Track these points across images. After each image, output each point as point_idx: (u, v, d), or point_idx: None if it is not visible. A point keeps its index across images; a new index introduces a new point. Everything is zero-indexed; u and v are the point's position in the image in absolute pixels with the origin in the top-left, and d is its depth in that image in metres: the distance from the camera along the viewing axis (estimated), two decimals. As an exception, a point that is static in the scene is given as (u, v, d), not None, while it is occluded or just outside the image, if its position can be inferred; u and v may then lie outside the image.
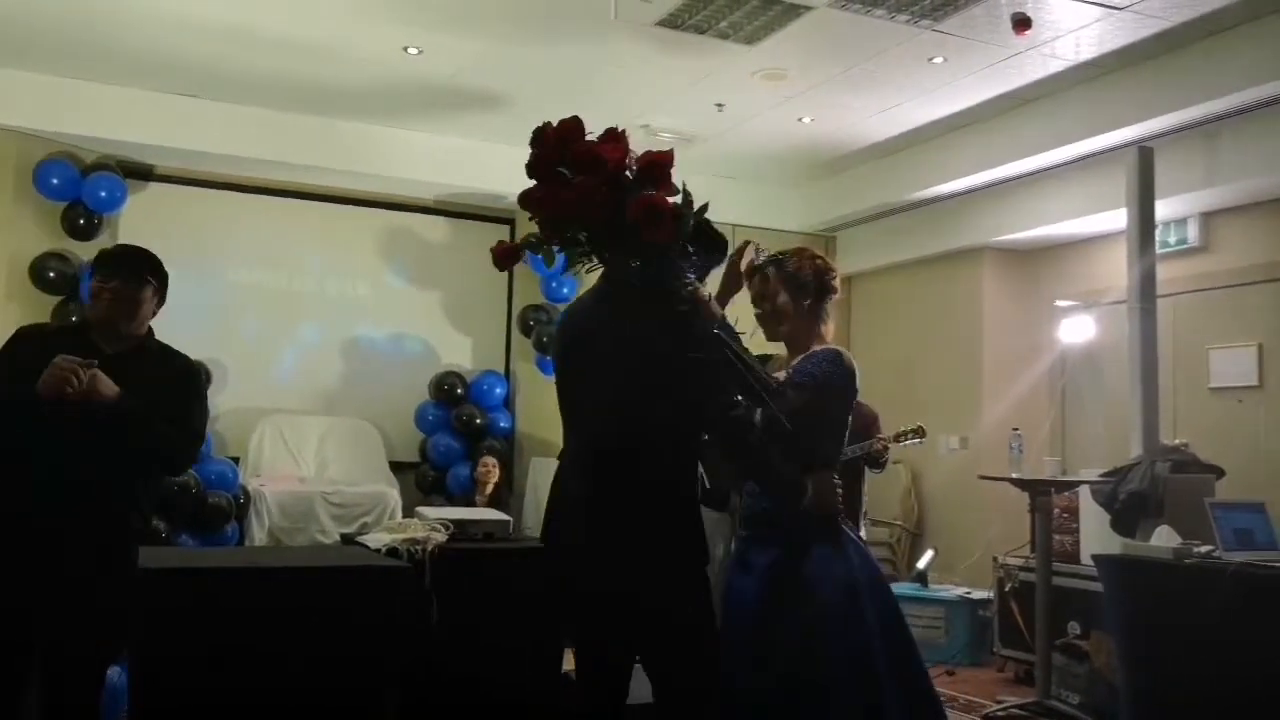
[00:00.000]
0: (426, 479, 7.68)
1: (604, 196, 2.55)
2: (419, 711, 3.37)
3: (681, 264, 2.64)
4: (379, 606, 3.30)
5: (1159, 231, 5.89)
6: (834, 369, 2.83)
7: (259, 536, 6.63)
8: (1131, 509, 4.66)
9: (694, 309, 2.60)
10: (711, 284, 3.15)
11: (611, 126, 2.63)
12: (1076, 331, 6.96)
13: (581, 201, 2.56)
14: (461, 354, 8.11)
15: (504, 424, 7.88)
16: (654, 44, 5.69)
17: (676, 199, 2.60)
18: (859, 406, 3.65)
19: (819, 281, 2.95)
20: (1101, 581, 4.28)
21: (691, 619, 2.60)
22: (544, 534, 2.80)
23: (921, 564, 6.91)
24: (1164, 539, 4.03)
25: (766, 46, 5.69)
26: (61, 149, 6.80)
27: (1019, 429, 5.68)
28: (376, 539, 3.74)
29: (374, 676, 3.25)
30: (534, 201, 2.66)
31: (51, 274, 6.61)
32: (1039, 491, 5.17)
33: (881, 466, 5.19)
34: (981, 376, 7.53)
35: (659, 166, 2.59)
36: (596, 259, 2.69)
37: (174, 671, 3.05)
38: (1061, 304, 7.16)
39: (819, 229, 8.48)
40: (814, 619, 2.67)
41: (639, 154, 2.61)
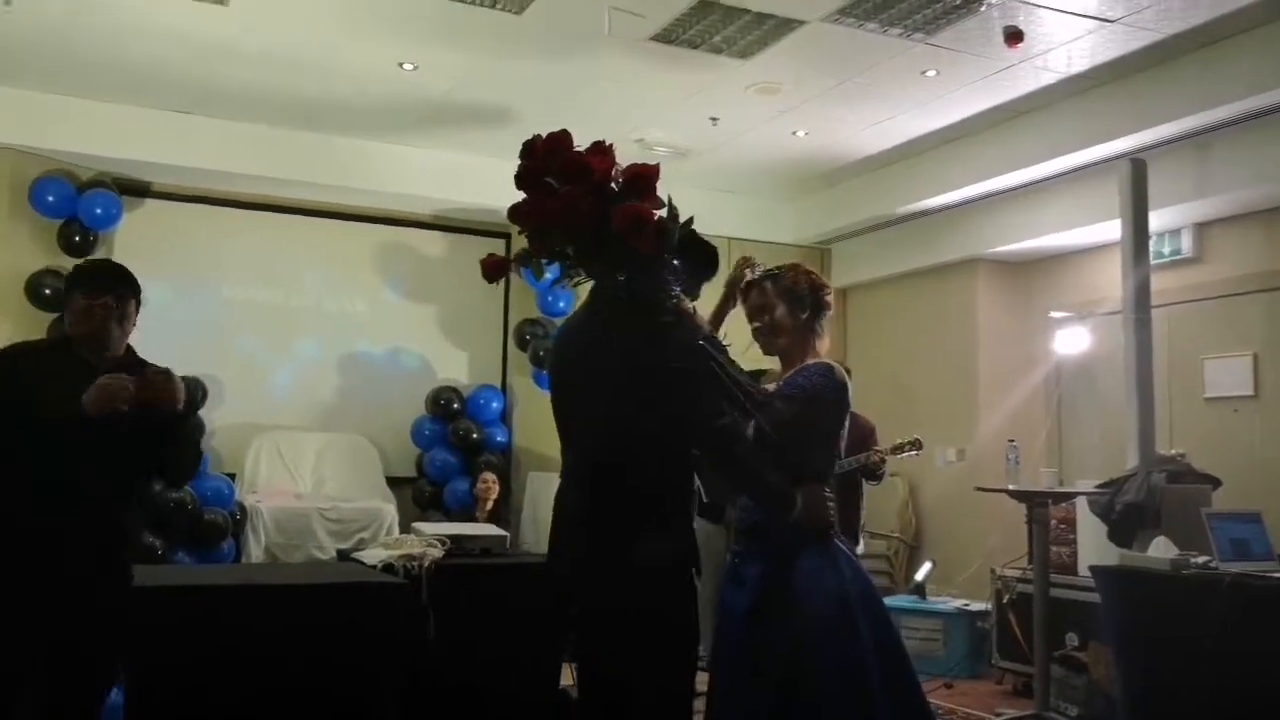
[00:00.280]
0: (423, 494, 7.67)
1: (589, 206, 2.56)
2: (416, 727, 3.37)
3: (667, 276, 2.65)
4: (375, 622, 3.31)
5: (1153, 242, 5.90)
6: (825, 381, 2.84)
7: (255, 553, 6.61)
8: (1128, 520, 4.66)
9: (678, 320, 2.62)
10: (708, 297, 3.17)
11: (598, 140, 2.64)
12: (1071, 342, 6.97)
13: (567, 211, 2.57)
14: (458, 369, 8.11)
15: (501, 438, 7.88)
16: (648, 59, 5.71)
17: (662, 211, 2.61)
18: (855, 419, 3.65)
19: (814, 296, 2.96)
20: (1099, 593, 4.28)
21: (674, 630, 2.59)
22: (549, 551, 2.81)
23: (919, 576, 6.89)
24: (1161, 550, 4.02)
25: (760, 61, 5.71)
26: (57, 166, 6.81)
27: (1015, 440, 5.68)
28: (373, 555, 3.75)
29: (371, 692, 3.24)
30: (521, 214, 2.68)
31: (47, 290, 6.61)
32: (1036, 503, 5.17)
33: (879, 479, 5.18)
34: (977, 388, 7.54)
35: (644, 178, 2.60)
36: (584, 273, 2.70)
37: (171, 688, 3.06)
38: (1056, 315, 7.18)
39: (814, 242, 8.50)
40: (805, 631, 2.66)
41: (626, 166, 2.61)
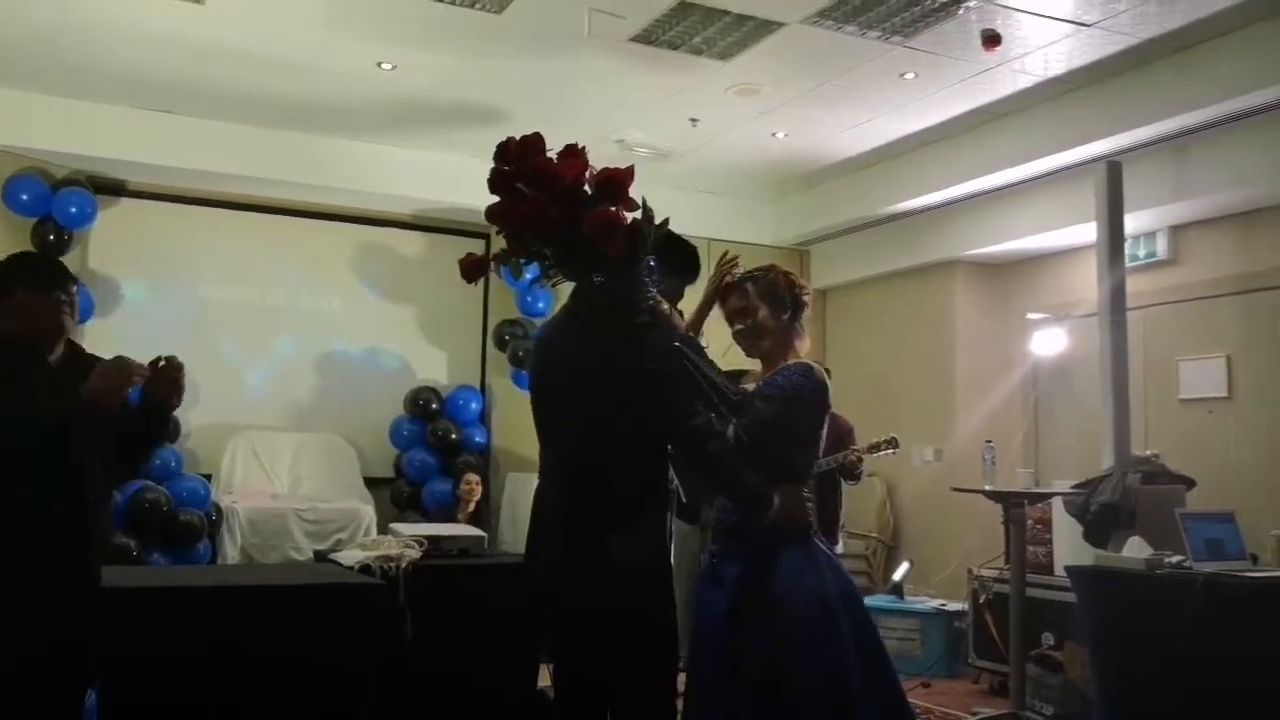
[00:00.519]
0: (401, 495, 7.64)
1: (559, 212, 2.56)
2: (393, 728, 3.36)
3: (644, 278, 2.65)
4: (352, 624, 3.29)
5: (1128, 245, 5.96)
6: (804, 381, 2.83)
7: (231, 554, 6.57)
8: (1103, 520, 4.69)
9: (654, 322, 2.62)
10: (690, 299, 3.17)
11: (571, 143, 2.64)
12: (1048, 344, 7.01)
13: (536, 216, 2.58)
14: (437, 369, 8.09)
15: (479, 439, 7.86)
16: (628, 59, 5.71)
17: (636, 214, 2.61)
18: (834, 419, 3.66)
19: (793, 296, 2.97)
20: (1074, 592, 4.29)
21: (653, 630, 2.61)
22: (526, 551, 2.81)
23: (897, 576, 6.92)
24: (1136, 550, 4.05)
25: (740, 62, 5.72)
26: (31, 164, 6.75)
27: (992, 441, 5.70)
28: (350, 556, 3.74)
29: (347, 693, 3.23)
30: (499, 217, 2.68)
31: (21, 290, 6.54)
32: (1012, 503, 5.19)
33: (857, 478, 5.19)
34: (955, 389, 7.58)
35: (616, 182, 2.60)
36: (562, 274, 2.71)
37: (145, 690, 3.03)
38: (1033, 317, 7.22)
39: (793, 243, 8.53)
40: (786, 632, 2.66)
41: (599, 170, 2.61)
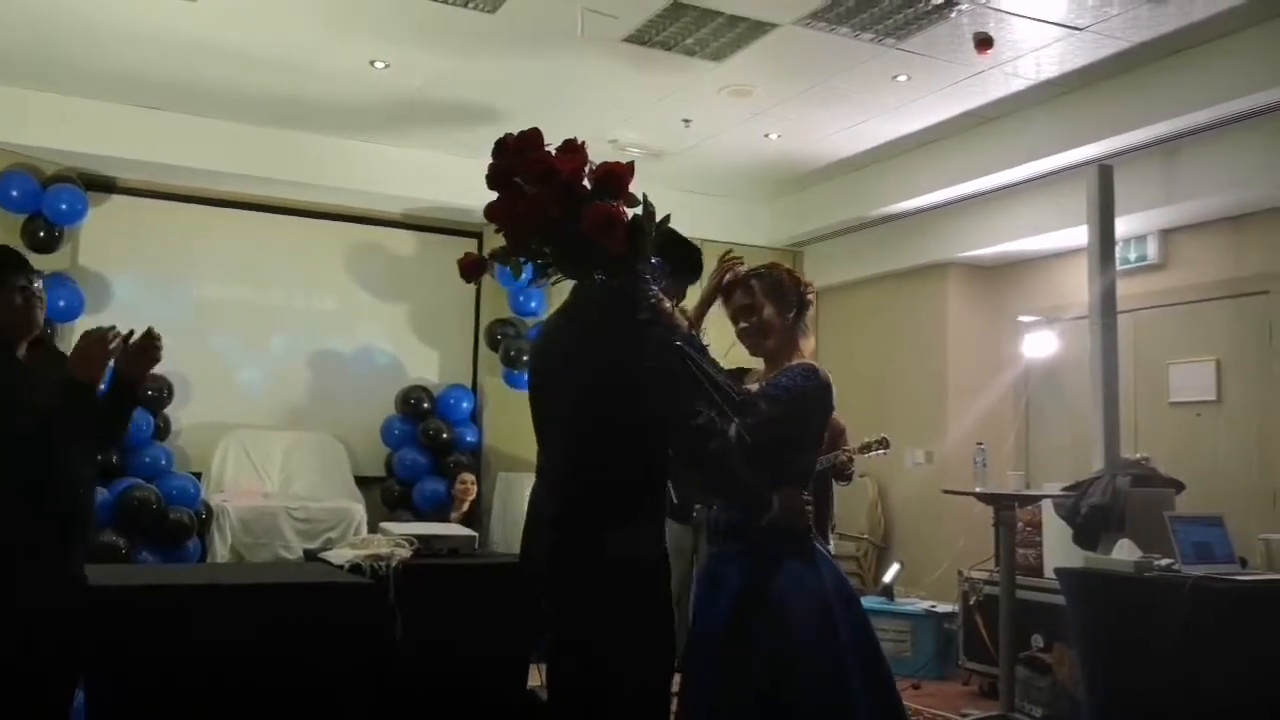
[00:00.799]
0: (392, 494, 7.63)
1: (559, 209, 2.52)
2: (383, 728, 3.35)
3: (646, 275, 2.60)
4: (340, 623, 3.28)
5: (1119, 248, 5.97)
6: (808, 383, 2.79)
7: (221, 553, 6.56)
8: (1093, 522, 4.70)
9: (655, 320, 2.57)
10: (692, 297, 3.12)
11: (570, 138, 2.60)
12: (1039, 346, 7.03)
13: (535, 213, 2.54)
14: (429, 368, 8.08)
15: (471, 438, 7.85)
16: (621, 60, 5.71)
17: (637, 210, 2.57)
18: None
19: (798, 295, 2.92)
20: (1064, 595, 4.31)
21: (650, 630, 2.58)
22: (521, 551, 2.78)
23: (888, 578, 6.93)
24: (1125, 552, 4.06)
25: (733, 63, 5.73)
26: (21, 160, 6.71)
27: (983, 443, 5.72)
28: (340, 555, 3.72)
29: (336, 692, 3.22)
30: (497, 214, 2.64)
31: (11, 287, 6.52)
32: (1003, 505, 5.20)
33: (848, 479, 5.20)
34: (947, 391, 7.59)
35: (615, 177, 2.56)
36: (561, 272, 2.66)
37: (133, 689, 3.02)
38: (1025, 319, 7.23)
39: (786, 244, 8.53)
40: (786, 633, 2.64)
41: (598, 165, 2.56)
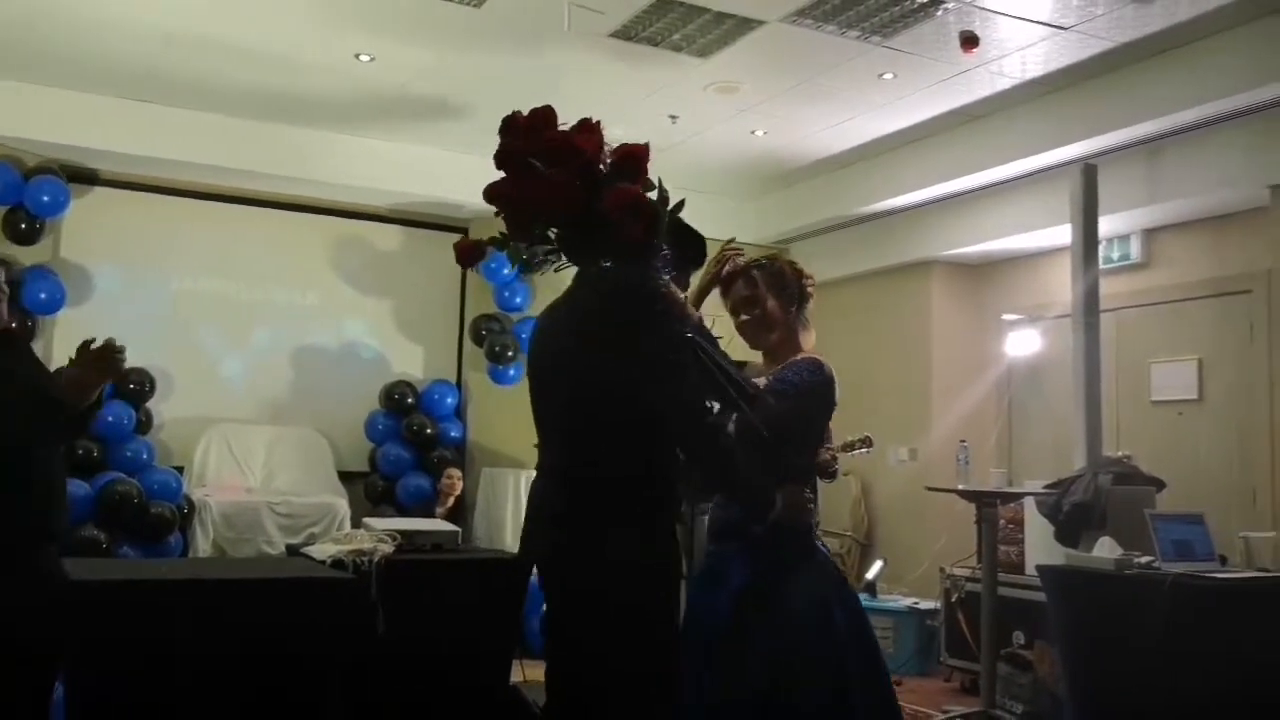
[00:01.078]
0: (376, 489, 7.61)
1: (577, 191, 2.38)
2: (364, 724, 3.35)
3: (655, 264, 2.48)
4: (322, 618, 3.27)
5: (1102, 247, 6.00)
6: (814, 378, 2.76)
7: (203, 547, 6.53)
8: (1075, 520, 4.72)
9: (667, 310, 2.44)
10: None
11: (585, 117, 2.48)
12: (1023, 345, 7.06)
13: (553, 196, 2.40)
14: (413, 363, 8.05)
15: (455, 434, 7.83)
16: (607, 55, 5.70)
17: (652, 194, 2.45)
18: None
19: (799, 287, 2.88)
20: (1045, 592, 4.33)
21: (653, 628, 2.43)
22: (521, 547, 2.66)
23: (871, 574, 6.95)
24: (1106, 550, 4.08)
25: (720, 60, 5.72)
26: (3, 152, 6.66)
27: (966, 441, 5.74)
28: (323, 550, 3.72)
29: (318, 687, 3.21)
30: (501, 196, 2.47)
31: (-9, 279, 6.47)
32: (985, 503, 5.22)
33: (831, 476, 5.16)
34: (930, 389, 7.61)
35: (635, 159, 2.44)
36: (566, 258, 2.52)
37: (113, 685, 3.00)
38: (1008, 318, 7.27)
39: (772, 241, 8.54)
40: (787, 634, 2.62)
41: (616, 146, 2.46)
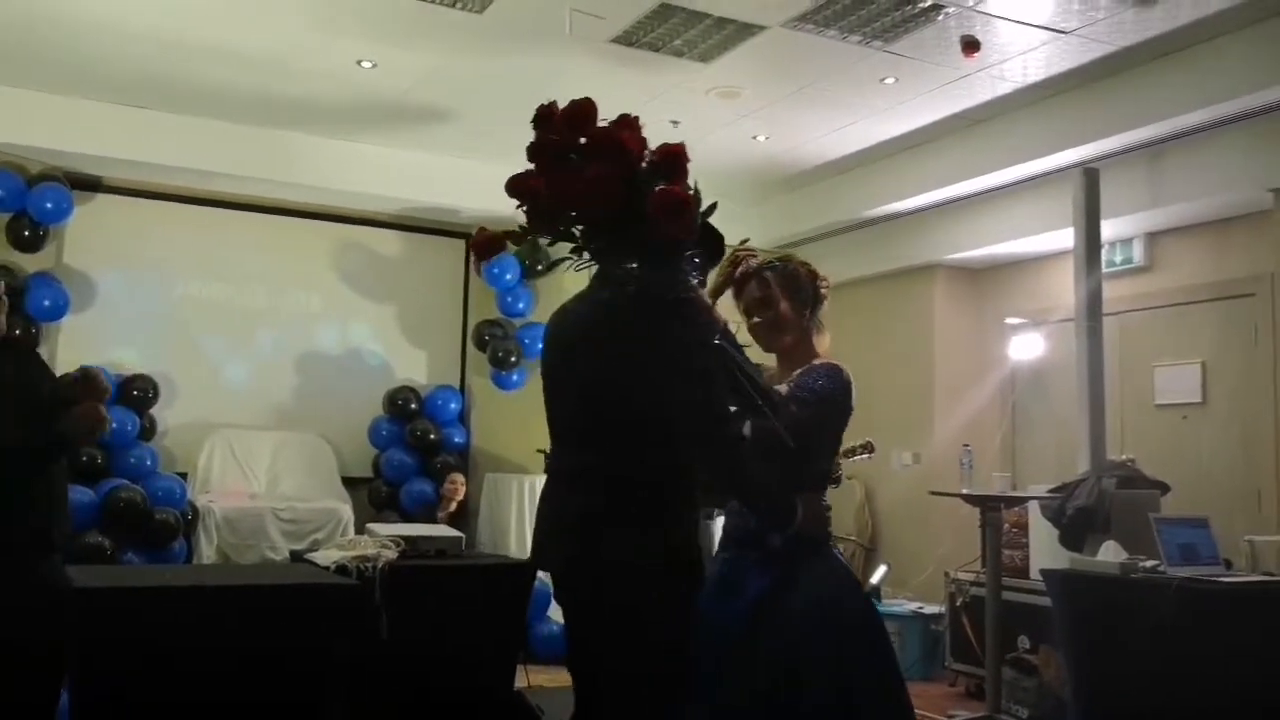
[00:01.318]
0: (380, 495, 7.61)
1: (619, 187, 2.30)
2: (368, 730, 3.35)
3: (683, 266, 2.41)
4: (326, 624, 3.28)
5: (1105, 251, 5.99)
6: (834, 385, 2.70)
7: (208, 553, 6.53)
8: (1079, 524, 4.72)
9: (694, 314, 2.37)
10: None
11: (625, 113, 2.40)
12: (1026, 349, 7.05)
13: (592, 192, 2.30)
14: (416, 369, 8.05)
15: (458, 439, 7.83)
16: (609, 60, 5.70)
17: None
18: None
19: (813, 289, 2.83)
20: (1050, 596, 4.33)
21: (664, 631, 2.34)
22: (532, 551, 2.60)
23: (875, 579, 6.93)
24: (1110, 554, 4.08)
25: (721, 65, 5.73)
26: (6, 159, 6.67)
27: (970, 445, 5.74)
28: (326, 556, 3.72)
29: (322, 693, 3.21)
30: (529, 190, 2.37)
31: (-5, 286, 6.48)
32: (989, 507, 5.22)
33: (835, 482, 5.19)
34: (934, 393, 7.60)
35: (676, 157, 2.37)
36: (590, 256, 2.44)
37: (118, 690, 3.01)
38: (1011, 321, 7.25)
39: (774, 246, 8.50)
40: (800, 638, 2.58)
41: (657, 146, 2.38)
